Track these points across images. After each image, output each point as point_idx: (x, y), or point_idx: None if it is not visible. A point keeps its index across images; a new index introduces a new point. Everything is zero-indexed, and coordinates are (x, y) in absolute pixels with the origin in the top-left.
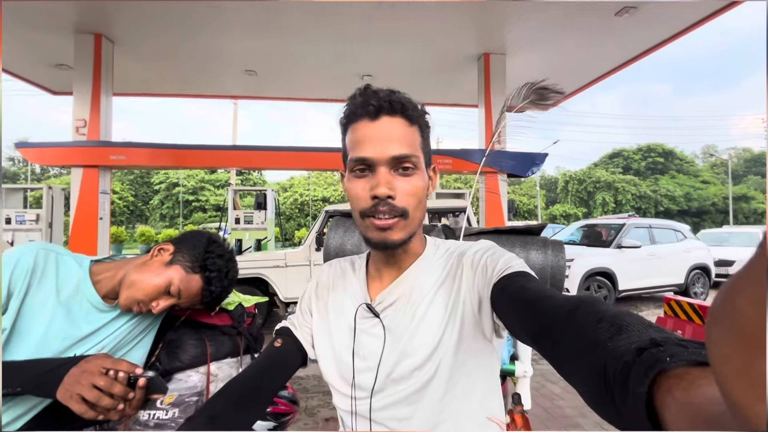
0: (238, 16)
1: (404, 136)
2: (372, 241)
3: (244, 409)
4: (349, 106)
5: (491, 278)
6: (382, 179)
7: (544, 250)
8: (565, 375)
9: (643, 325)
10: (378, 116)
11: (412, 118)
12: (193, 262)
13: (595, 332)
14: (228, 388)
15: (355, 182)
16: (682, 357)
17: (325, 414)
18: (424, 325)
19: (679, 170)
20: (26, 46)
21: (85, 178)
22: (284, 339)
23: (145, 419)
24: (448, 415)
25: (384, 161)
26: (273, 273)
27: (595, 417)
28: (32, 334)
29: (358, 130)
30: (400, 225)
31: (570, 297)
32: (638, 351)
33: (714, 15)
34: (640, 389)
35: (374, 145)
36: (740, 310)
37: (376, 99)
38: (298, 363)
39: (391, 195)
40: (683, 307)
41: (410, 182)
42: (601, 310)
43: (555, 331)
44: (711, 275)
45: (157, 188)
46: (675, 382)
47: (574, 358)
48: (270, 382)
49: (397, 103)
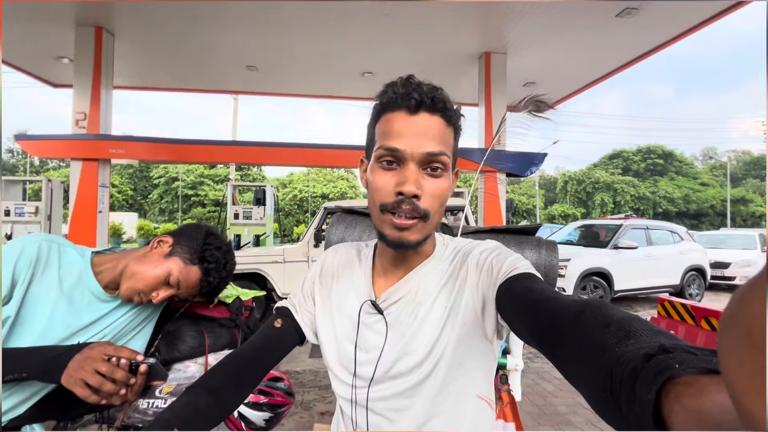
0: (240, 12)
1: (440, 136)
2: (387, 239)
3: (241, 385)
4: (389, 93)
5: (497, 279)
6: (411, 176)
7: (538, 250)
8: (570, 379)
9: (652, 331)
10: (418, 111)
11: (450, 119)
12: (192, 253)
13: (602, 336)
14: (227, 363)
15: (380, 173)
16: (692, 364)
17: (320, 408)
18: (426, 324)
19: (679, 172)
20: (27, 39)
21: (85, 171)
22: (284, 320)
23: (144, 408)
24: (443, 408)
25: (416, 157)
26: (271, 268)
27: (587, 414)
28: (35, 323)
29: (394, 121)
30: (419, 227)
31: (577, 300)
32: (646, 357)
33: (715, 17)
34: (648, 396)
35: (409, 138)
36: (753, 316)
37: (419, 93)
38: (294, 343)
39: (418, 194)
40: (676, 307)
41: (437, 184)
42: (608, 315)
43: (561, 334)
44: (706, 277)
45: (157, 182)
46: (684, 389)
47: (580, 362)
48: (266, 361)
49: (439, 101)
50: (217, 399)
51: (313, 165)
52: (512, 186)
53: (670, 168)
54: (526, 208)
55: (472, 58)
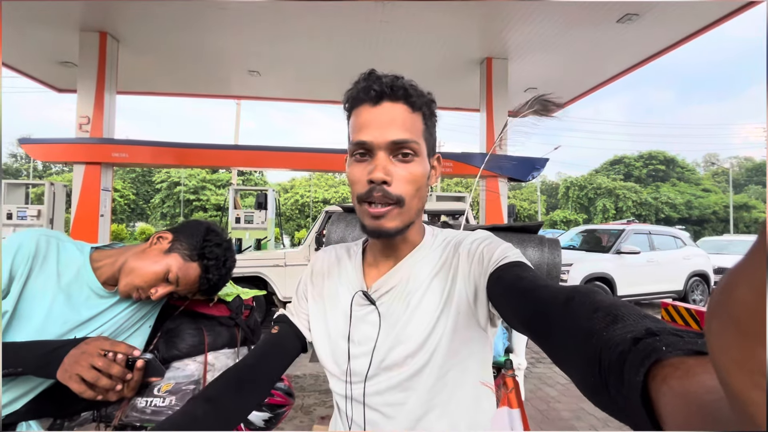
0: (243, 17)
1: (405, 122)
2: (367, 229)
3: (242, 394)
4: (352, 90)
5: (487, 268)
6: (379, 164)
7: (541, 248)
8: (559, 363)
9: (639, 316)
10: (380, 101)
11: (414, 104)
12: (192, 250)
13: (590, 322)
14: (228, 372)
15: (355, 166)
16: (678, 346)
17: (321, 412)
18: (419, 313)
19: (680, 178)
20: (31, 43)
21: (87, 175)
22: (281, 326)
23: (142, 406)
24: (439, 400)
25: (383, 146)
26: (272, 272)
27: (590, 420)
28: (33, 318)
29: (360, 115)
30: (394, 213)
31: (565, 287)
32: (634, 340)
33: (716, 23)
34: (636, 378)
35: (374, 129)
36: (739, 299)
37: (379, 84)
38: (297, 349)
39: (387, 180)
40: (681, 312)
41: (408, 169)
42: (596, 300)
43: (550, 321)
44: (710, 282)
45: (159, 187)
46: (671, 371)
47: (569, 347)
48: (268, 369)
49: (399, 89)
50: (216, 407)
51: (314, 170)
52: (514, 191)
53: (672, 174)
54: (528, 214)
55: (473, 63)
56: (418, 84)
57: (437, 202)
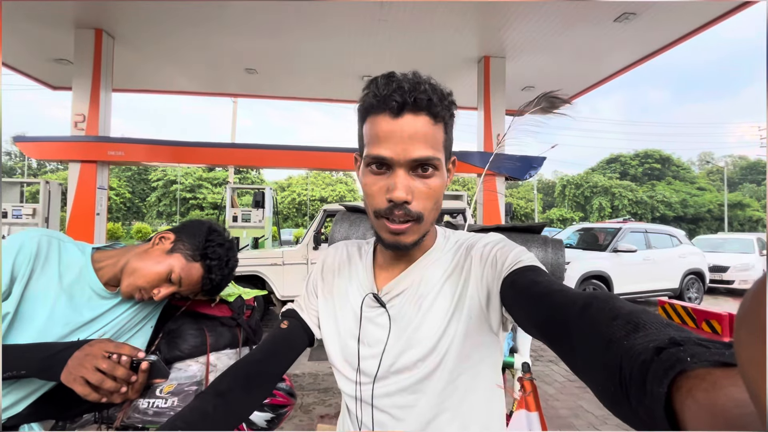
0: (240, 15)
1: (427, 136)
2: (385, 242)
3: (250, 389)
4: (370, 95)
5: (501, 272)
6: (399, 183)
7: (545, 248)
8: (577, 372)
9: (661, 324)
10: (401, 113)
11: (437, 115)
12: (194, 250)
13: (609, 329)
14: (235, 367)
15: (372, 179)
16: (704, 357)
17: (320, 411)
18: (430, 316)
19: (676, 177)
20: (26, 41)
21: (83, 174)
22: (290, 321)
23: (145, 407)
24: (450, 404)
25: (404, 163)
26: (270, 271)
27: (589, 418)
28: (35, 319)
29: (378, 125)
30: (414, 229)
31: (583, 293)
32: (657, 350)
33: (712, 23)
34: (660, 389)
35: (395, 145)
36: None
37: (401, 94)
38: (304, 344)
39: (408, 200)
40: (677, 310)
41: (429, 184)
42: (615, 307)
43: (567, 327)
44: (705, 280)
45: (155, 185)
46: (696, 383)
47: (588, 355)
48: (276, 364)
49: (422, 100)
50: (225, 401)
51: (311, 168)
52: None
53: (668, 172)
54: (525, 212)
55: (471, 62)
56: (437, 82)
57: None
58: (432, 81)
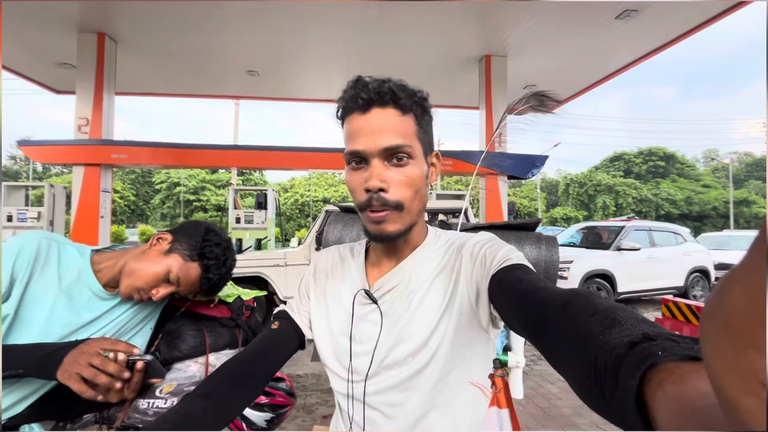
0: (241, 17)
1: (396, 126)
2: (370, 233)
3: (238, 388)
4: (341, 100)
5: (489, 270)
6: (374, 172)
7: (538, 246)
8: (555, 365)
9: (636, 320)
10: (369, 109)
11: (404, 106)
12: (191, 250)
13: (587, 325)
14: (223, 367)
15: (352, 175)
16: (674, 351)
17: (323, 411)
18: (420, 312)
19: (680, 174)
20: (30, 45)
21: (87, 177)
22: (281, 322)
23: (144, 408)
24: (440, 401)
25: (376, 153)
26: (273, 272)
27: (592, 417)
28: (35, 321)
29: (351, 124)
30: (394, 217)
31: (565, 290)
32: (630, 345)
33: (716, 18)
34: (632, 382)
35: (365, 137)
36: (733, 302)
37: (366, 91)
38: (295, 345)
39: (383, 188)
40: (681, 308)
41: (404, 172)
42: (594, 303)
43: (548, 323)
44: (711, 278)
45: (158, 188)
46: (665, 375)
47: (566, 349)
48: (265, 363)
49: (386, 94)
50: (212, 403)
51: (314, 169)
52: (514, 189)
53: (672, 170)
54: (528, 211)
55: (472, 61)
56: (408, 83)
57: (437, 201)
58: (401, 81)
